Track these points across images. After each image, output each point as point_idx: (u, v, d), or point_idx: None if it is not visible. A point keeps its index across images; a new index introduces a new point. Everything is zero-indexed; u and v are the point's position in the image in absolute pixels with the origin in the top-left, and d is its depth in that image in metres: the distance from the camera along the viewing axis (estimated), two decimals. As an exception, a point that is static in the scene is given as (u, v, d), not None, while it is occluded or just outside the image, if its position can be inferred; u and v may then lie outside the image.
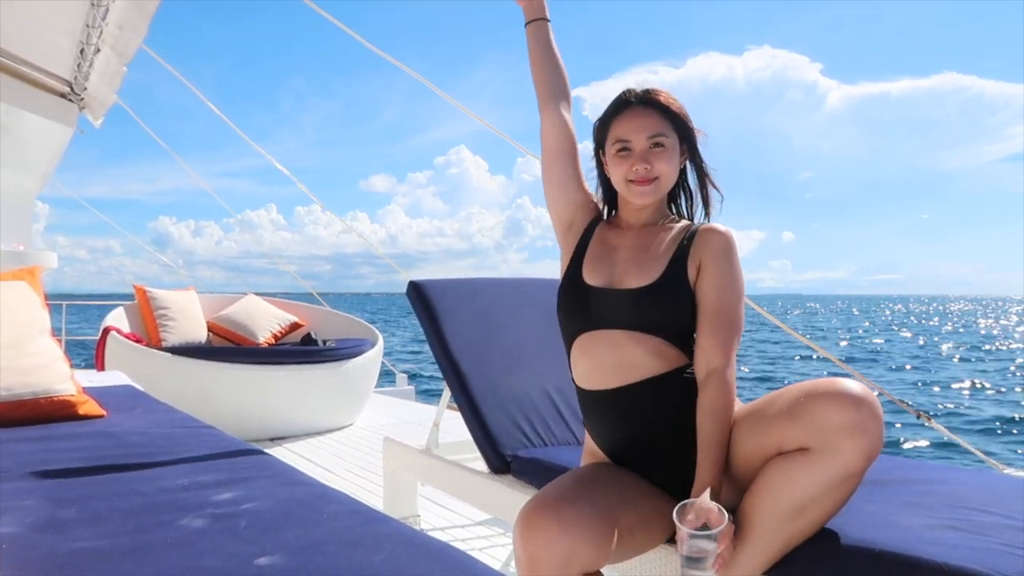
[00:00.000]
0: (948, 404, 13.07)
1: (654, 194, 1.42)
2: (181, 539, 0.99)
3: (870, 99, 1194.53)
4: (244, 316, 4.77)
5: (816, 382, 1.17)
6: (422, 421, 4.51)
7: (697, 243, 1.40)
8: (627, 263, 1.43)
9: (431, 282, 2.29)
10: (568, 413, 2.12)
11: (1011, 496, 1.31)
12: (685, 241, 1.42)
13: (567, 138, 1.54)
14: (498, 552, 2.35)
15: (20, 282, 2.07)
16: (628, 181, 1.41)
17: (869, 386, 1.46)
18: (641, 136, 1.40)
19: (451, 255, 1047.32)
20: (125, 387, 2.47)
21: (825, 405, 1.11)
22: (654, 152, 1.40)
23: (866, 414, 1.09)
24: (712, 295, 1.35)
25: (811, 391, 1.14)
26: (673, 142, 1.42)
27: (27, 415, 1.79)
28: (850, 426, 1.08)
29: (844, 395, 1.11)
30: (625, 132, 1.42)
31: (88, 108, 4.37)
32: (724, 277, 1.37)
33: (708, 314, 1.34)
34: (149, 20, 3.27)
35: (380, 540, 0.97)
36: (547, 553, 1.11)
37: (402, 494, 2.56)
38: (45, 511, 1.10)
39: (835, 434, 1.09)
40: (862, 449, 1.09)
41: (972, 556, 1.03)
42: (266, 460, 1.45)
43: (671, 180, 1.43)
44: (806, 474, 1.11)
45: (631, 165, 1.40)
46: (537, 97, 1.57)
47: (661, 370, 1.35)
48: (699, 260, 1.38)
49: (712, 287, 1.36)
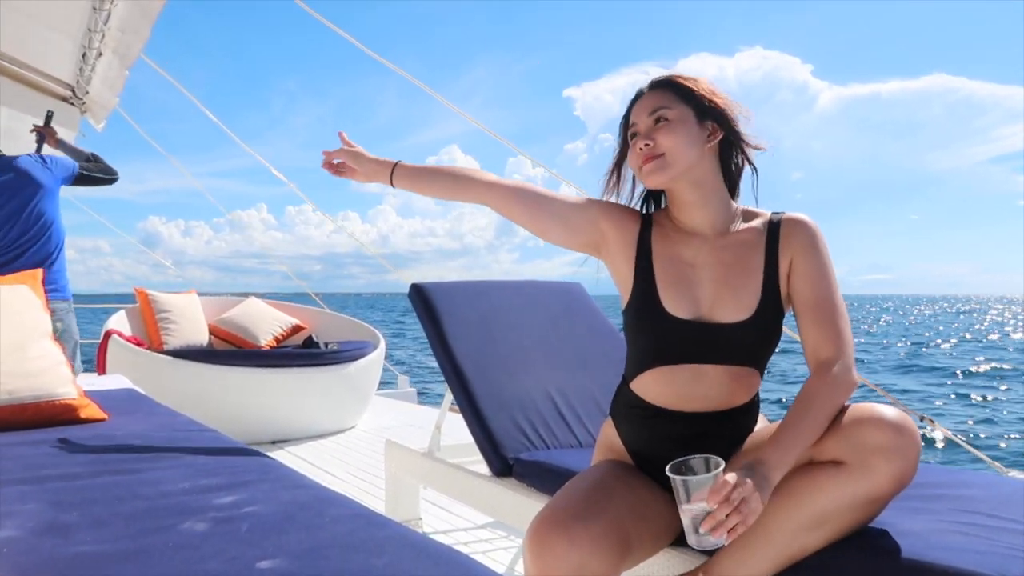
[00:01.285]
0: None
1: (661, 172, 1.30)
2: (183, 543, 0.98)
3: (860, 100, 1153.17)
4: (245, 319, 4.77)
5: (855, 407, 1.15)
6: (424, 424, 4.50)
7: (784, 240, 1.31)
8: (715, 287, 1.30)
9: (433, 284, 2.29)
10: (570, 416, 2.11)
11: (1016, 499, 1.31)
12: (771, 243, 1.32)
13: (536, 207, 1.40)
14: (500, 555, 2.34)
15: (22, 285, 2.07)
16: (639, 165, 1.32)
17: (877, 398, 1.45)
18: (643, 115, 1.32)
19: (442, 255, 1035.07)
20: (127, 390, 2.46)
21: (868, 425, 1.10)
22: (657, 128, 1.30)
23: (907, 440, 1.09)
24: (807, 290, 1.28)
25: (853, 417, 1.13)
26: (681, 114, 1.30)
27: (29, 419, 1.79)
28: (889, 448, 1.07)
29: (887, 420, 1.10)
30: (632, 118, 1.35)
31: (90, 112, 4.38)
32: (816, 270, 1.28)
33: (807, 308, 1.27)
34: (151, 24, 3.28)
35: (382, 544, 0.97)
36: (557, 570, 1.10)
37: (404, 497, 2.55)
38: (47, 515, 1.10)
39: (872, 453, 1.08)
40: (895, 473, 1.08)
41: (978, 560, 1.02)
42: (268, 463, 1.44)
43: (683, 156, 1.29)
44: (834, 484, 1.09)
45: (636, 146, 1.32)
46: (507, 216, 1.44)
47: (744, 400, 1.32)
48: (790, 258, 1.30)
49: (805, 283, 1.28)
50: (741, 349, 1.28)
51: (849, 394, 1.19)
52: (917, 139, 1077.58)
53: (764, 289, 1.29)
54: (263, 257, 8.84)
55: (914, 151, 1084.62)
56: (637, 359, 1.36)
